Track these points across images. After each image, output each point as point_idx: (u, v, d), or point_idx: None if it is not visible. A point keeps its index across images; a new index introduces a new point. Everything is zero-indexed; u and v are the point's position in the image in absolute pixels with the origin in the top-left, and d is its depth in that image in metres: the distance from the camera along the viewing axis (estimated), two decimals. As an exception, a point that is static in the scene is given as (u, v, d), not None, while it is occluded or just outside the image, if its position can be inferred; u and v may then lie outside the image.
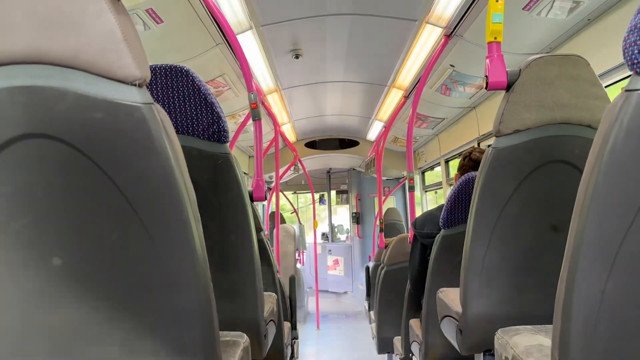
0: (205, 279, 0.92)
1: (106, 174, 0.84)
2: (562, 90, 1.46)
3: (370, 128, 6.54)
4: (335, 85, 4.78)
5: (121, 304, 0.89)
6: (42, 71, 0.82)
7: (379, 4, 2.99)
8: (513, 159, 1.47)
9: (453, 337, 1.77)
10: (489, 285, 1.53)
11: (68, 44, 0.81)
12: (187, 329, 0.90)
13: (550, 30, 2.70)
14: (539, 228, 1.50)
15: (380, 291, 4.05)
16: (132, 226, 0.86)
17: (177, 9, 2.62)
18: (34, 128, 0.82)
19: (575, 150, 1.45)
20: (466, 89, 3.91)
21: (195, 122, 1.49)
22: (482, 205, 1.50)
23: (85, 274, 0.88)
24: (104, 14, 0.82)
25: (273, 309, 2.07)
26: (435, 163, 6.03)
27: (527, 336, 1.29)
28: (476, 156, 2.51)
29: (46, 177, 0.84)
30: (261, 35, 3.30)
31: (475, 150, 2.59)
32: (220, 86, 3.86)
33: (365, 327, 6.70)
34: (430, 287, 2.27)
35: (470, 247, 1.53)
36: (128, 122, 0.83)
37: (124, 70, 0.83)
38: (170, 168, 0.85)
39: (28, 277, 0.87)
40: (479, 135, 4.33)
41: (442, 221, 2.21)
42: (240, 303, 1.61)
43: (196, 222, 0.90)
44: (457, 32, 3.01)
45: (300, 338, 5.67)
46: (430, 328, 2.34)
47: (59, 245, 0.86)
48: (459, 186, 2.17)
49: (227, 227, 1.56)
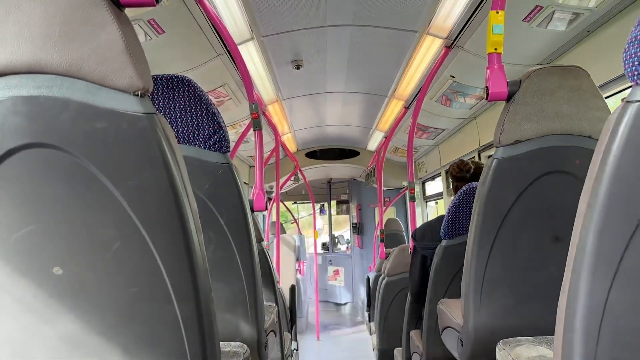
0: (206, 289, 0.92)
1: (108, 183, 0.84)
2: (563, 101, 1.46)
3: (370, 138, 6.55)
4: (336, 95, 4.79)
5: (122, 314, 0.89)
6: (45, 81, 0.82)
7: (380, 15, 3.01)
8: (514, 170, 1.47)
9: (454, 348, 1.76)
10: (490, 296, 1.53)
11: (71, 54, 0.82)
12: (188, 339, 0.89)
13: (550, 42, 2.72)
14: (540, 238, 1.50)
15: (381, 302, 4.04)
16: (133, 236, 0.86)
17: (179, 20, 2.63)
18: (37, 137, 0.82)
19: (576, 161, 1.46)
20: (467, 99, 3.92)
21: (196, 131, 1.49)
22: (483, 215, 1.50)
23: (86, 284, 0.88)
24: (108, 24, 0.82)
25: (274, 320, 2.06)
26: (436, 173, 6.03)
27: (529, 347, 1.29)
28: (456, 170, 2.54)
29: (48, 186, 0.85)
30: (262, 45, 3.32)
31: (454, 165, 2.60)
32: (222, 96, 3.87)
33: (366, 338, 6.66)
34: (431, 298, 2.27)
35: (471, 258, 1.53)
36: (130, 132, 0.83)
37: (127, 80, 0.83)
38: (172, 178, 0.85)
39: (29, 287, 0.87)
40: (480, 146, 4.33)
41: (443, 232, 2.20)
42: (241, 313, 1.61)
43: (197, 232, 0.90)
44: (458, 43, 3.02)
45: (300, 349, 5.64)
46: (431, 339, 2.33)
47: (59, 254, 0.86)
48: (459, 197, 2.17)
49: (227, 237, 1.56)
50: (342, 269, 9.84)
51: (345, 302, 9.76)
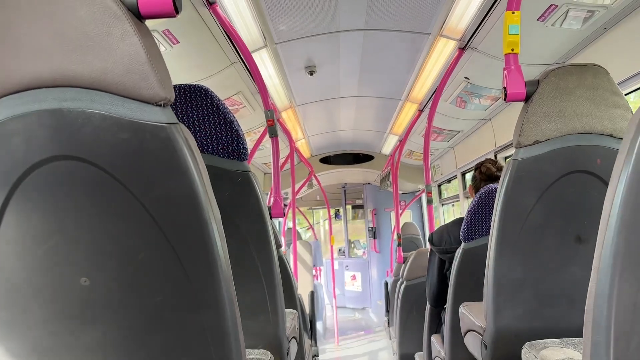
0: (231, 296, 0.92)
1: (133, 194, 0.84)
2: (582, 100, 1.45)
3: (384, 142, 6.53)
4: (350, 100, 4.79)
5: (149, 323, 0.89)
6: (69, 94, 0.83)
7: (392, 19, 3.01)
8: (534, 170, 1.46)
9: (477, 352, 1.74)
10: (513, 299, 1.52)
11: (94, 67, 0.83)
12: (214, 347, 0.90)
13: (565, 40, 2.69)
14: (563, 239, 1.48)
15: (401, 307, 4.02)
16: (159, 245, 0.86)
17: (193, 30, 2.66)
18: (62, 150, 0.83)
19: (597, 160, 1.44)
20: (482, 100, 3.90)
21: (214, 140, 1.50)
22: (504, 217, 1.49)
23: (112, 294, 0.88)
24: (129, 36, 0.83)
25: (294, 326, 2.06)
26: (452, 176, 5.99)
27: (556, 350, 1.27)
28: (487, 168, 2.49)
29: (74, 197, 0.86)
30: (275, 53, 3.33)
31: (486, 162, 2.57)
32: (236, 104, 3.89)
33: (385, 343, 6.63)
34: (452, 302, 2.25)
35: (493, 260, 1.52)
36: (154, 142, 0.84)
37: (149, 91, 0.84)
38: (196, 187, 0.86)
39: (58, 298, 0.88)
40: (496, 147, 4.30)
41: (462, 234, 2.19)
42: (263, 320, 1.61)
43: (221, 240, 0.91)
44: (472, 45, 3.01)
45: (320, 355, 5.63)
46: (453, 343, 2.31)
47: (86, 265, 0.87)
48: (478, 199, 2.16)
49: (247, 245, 1.57)
50: (359, 274, 9.81)
51: (363, 307, 9.73)
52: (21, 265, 0.87)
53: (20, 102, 0.83)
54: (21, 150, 0.83)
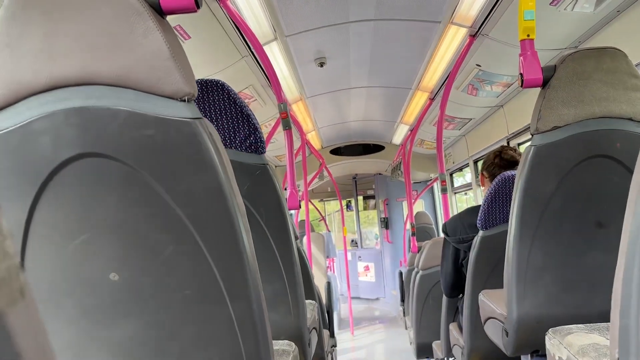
0: (258, 288, 0.93)
1: (159, 189, 0.85)
2: (601, 84, 1.43)
3: (395, 132, 6.51)
4: (360, 90, 4.78)
5: (177, 317, 0.90)
6: (94, 92, 0.84)
7: (402, 8, 2.99)
8: (553, 156, 1.45)
9: (499, 339, 1.74)
10: (534, 285, 1.51)
11: (118, 64, 0.84)
12: (243, 339, 0.91)
13: (578, 24, 2.67)
14: (583, 224, 1.47)
15: (417, 296, 4.02)
16: (186, 239, 0.87)
17: (204, 25, 2.66)
18: (89, 147, 0.84)
19: (617, 144, 1.43)
20: (493, 87, 3.88)
21: (232, 134, 1.50)
22: (523, 203, 1.48)
23: (141, 289, 0.90)
24: (151, 32, 0.84)
25: (315, 317, 2.07)
26: (464, 164, 5.97)
27: (581, 335, 1.27)
28: (510, 155, 2.47)
29: (102, 194, 0.87)
30: (285, 45, 3.33)
31: (506, 149, 2.55)
32: (247, 98, 3.90)
33: (400, 332, 6.64)
34: (471, 290, 2.25)
35: (513, 247, 1.51)
36: (178, 137, 0.85)
37: (173, 87, 0.85)
38: (221, 180, 0.86)
39: (88, 293, 0.89)
40: (508, 134, 4.28)
41: (480, 222, 2.18)
42: (284, 312, 1.62)
43: (247, 233, 0.92)
44: (483, 32, 2.99)
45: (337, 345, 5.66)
46: (472, 331, 2.31)
47: (115, 260, 0.88)
48: (496, 186, 2.15)
49: (267, 237, 1.57)
50: (372, 264, 9.83)
51: (377, 298, 9.75)
52: (52, 262, 0.89)
53: (46, 102, 0.84)
54: (49, 149, 0.84)
